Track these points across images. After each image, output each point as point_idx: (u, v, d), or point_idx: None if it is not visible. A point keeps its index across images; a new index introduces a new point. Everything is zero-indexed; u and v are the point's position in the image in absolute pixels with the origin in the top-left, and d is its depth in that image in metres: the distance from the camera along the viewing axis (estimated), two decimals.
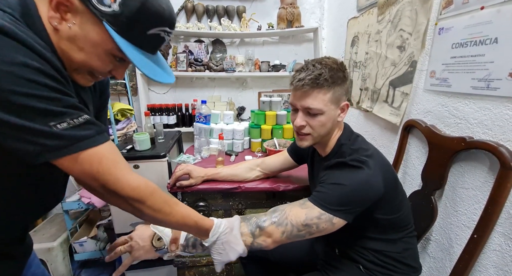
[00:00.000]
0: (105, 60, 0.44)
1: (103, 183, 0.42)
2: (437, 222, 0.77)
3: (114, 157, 0.44)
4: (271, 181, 1.05)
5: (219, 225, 0.59)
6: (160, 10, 0.43)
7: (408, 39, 0.86)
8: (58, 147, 0.38)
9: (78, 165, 0.40)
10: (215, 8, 1.69)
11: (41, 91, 0.35)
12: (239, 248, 0.59)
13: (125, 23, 0.41)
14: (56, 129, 0.37)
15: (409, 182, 0.91)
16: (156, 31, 0.44)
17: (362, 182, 0.60)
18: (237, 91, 1.88)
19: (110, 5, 0.39)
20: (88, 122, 0.41)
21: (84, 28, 0.41)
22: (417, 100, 0.85)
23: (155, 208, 0.48)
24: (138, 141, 1.13)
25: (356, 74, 1.28)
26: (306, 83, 0.63)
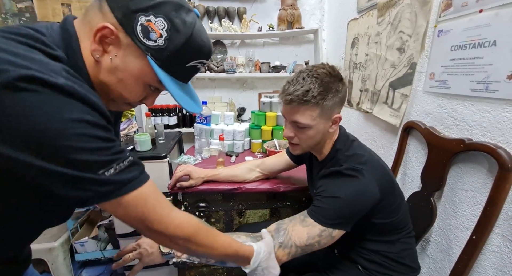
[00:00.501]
0: (142, 90, 0.45)
1: (149, 224, 0.42)
2: (436, 223, 0.78)
3: (157, 196, 0.43)
4: (271, 182, 1.05)
5: (259, 252, 0.58)
6: (201, 44, 0.44)
7: (408, 41, 0.87)
8: (108, 192, 0.38)
9: (123, 207, 0.40)
10: (216, 9, 1.70)
11: (91, 143, 0.35)
12: (276, 271, 0.60)
13: (168, 58, 0.42)
14: (105, 176, 0.37)
15: (408, 183, 0.91)
16: (194, 63, 0.45)
17: (357, 192, 0.61)
18: (238, 92, 1.88)
19: (156, 40, 0.40)
20: (132, 164, 0.41)
21: (126, 60, 0.41)
22: (417, 102, 0.85)
23: (199, 243, 0.48)
24: (139, 142, 1.14)
25: (356, 76, 1.29)
26: (293, 100, 0.63)
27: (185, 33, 0.41)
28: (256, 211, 1.09)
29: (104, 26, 0.39)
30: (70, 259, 1.38)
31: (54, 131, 0.32)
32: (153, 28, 0.40)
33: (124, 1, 0.40)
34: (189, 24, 0.42)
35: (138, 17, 0.39)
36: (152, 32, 0.40)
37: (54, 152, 0.33)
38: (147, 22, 0.40)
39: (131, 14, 0.39)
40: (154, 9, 0.40)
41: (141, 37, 0.40)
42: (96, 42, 0.40)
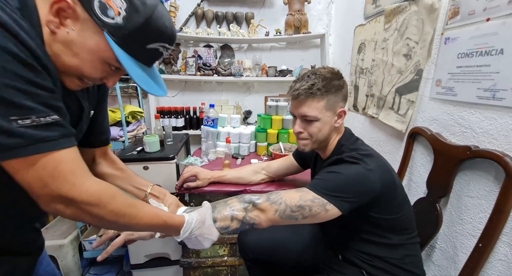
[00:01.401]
0: (99, 68, 0.44)
1: (55, 189, 0.38)
2: (442, 230, 0.78)
3: (75, 163, 0.40)
4: (276, 185, 1.06)
5: (190, 222, 0.56)
6: (163, 27, 0.44)
7: (415, 47, 0.88)
8: (12, 146, 0.34)
9: (31, 168, 0.36)
10: (224, 14, 1.73)
11: (14, 81, 0.32)
12: (213, 237, 0.59)
13: (126, 36, 0.41)
14: (15, 125, 0.33)
15: (414, 189, 0.91)
16: (155, 46, 0.45)
17: (357, 173, 0.63)
18: (244, 95, 1.91)
19: (114, 17, 0.40)
20: (56, 123, 0.37)
21: (83, 35, 0.41)
22: (423, 108, 0.86)
23: (118, 212, 0.44)
24: (148, 143, 1.16)
25: (362, 81, 1.29)
26: (300, 93, 0.69)
27: (144, 13, 0.41)
28: None
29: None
30: (78, 256, 1.42)
31: None
32: (111, 5, 0.40)
33: None
34: (149, 6, 0.42)
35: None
36: (110, 9, 0.40)
37: None
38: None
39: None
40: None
41: (99, 13, 0.40)
42: (53, 14, 0.39)
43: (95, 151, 0.68)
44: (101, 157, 0.70)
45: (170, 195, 0.74)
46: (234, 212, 0.62)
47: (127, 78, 1.61)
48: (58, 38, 0.40)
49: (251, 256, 0.92)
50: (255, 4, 1.77)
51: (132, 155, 1.14)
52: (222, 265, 1.19)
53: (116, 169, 0.72)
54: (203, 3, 1.73)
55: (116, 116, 1.42)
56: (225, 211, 0.63)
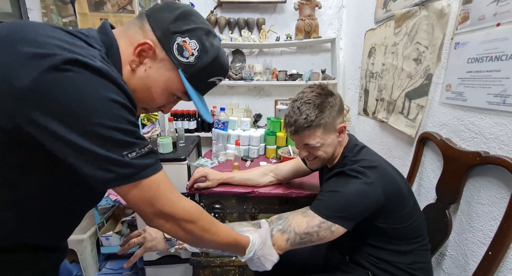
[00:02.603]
0: (165, 98, 0.52)
1: (160, 207, 0.45)
2: (452, 237, 0.76)
3: (169, 183, 0.47)
4: (284, 187, 1.08)
5: (254, 242, 0.61)
6: (223, 64, 0.52)
7: (424, 52, 0.87)
8: (128, 175, 0.41)
9: (138, 190, 0.43)
10: (236, 20, 1.78)
11: (121, 124, 0.39)
12: (274, 258, 0.63)
13: (195, 72, 0.49)
14: (127, 158, 0.40)
15: (424, 195, 0.90)
16: (214, 79, 0.52)
17: (357, 191, 0.63)
18: (255, 99, 1.94)
19: (188, 57, 0.48)
20: (151, 151, 0.44)
21: (159, 71, 0.48)
22: (433, 113, 0.85)
23: (204, 228, 0.51)
24: (161, 145, 1.22)
25: (372, 85, 1.29)
26: (297, 130, 0.70)
27: (212, 54, 0.49)
28: (268, 215, 1.12)
29: (145, 42, 0.46)
30: (96, 251, 1.50)
31: (90, 107, 0.37)
32: (187, 47, 0.47)
33: (166, 24, 0.47)
34: (216, 47, 0.50)
35: (175, 38, 0.47)
36: (186, 50, 0.47)
37: (87, 127, 0.37)
38: (182, 42, 0.47)
39: (170, 34, 0.47)
40: (189, 33, 0.47)
41: (176, 54, 0.47)
42: (135, 55, 0.46)
43: None
44: None
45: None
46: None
47: None
48: (136, 75, 0.48)
49: None
50: (266, 10, 1.81)
51: None
52: (230, 265, 1.22)
53: None
54: (216, 10, 1.79)
55: None
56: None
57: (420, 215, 0.72)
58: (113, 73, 0.40)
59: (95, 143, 0.38)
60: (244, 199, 1.10)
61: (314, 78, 1.74)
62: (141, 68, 0.48)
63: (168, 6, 0.49)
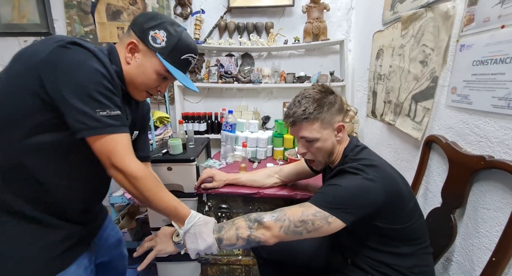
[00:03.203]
0: (156, 79, 0.69)
1: (113, 160, 0.57)
2: (458, 243, 0.75)
3: (127, 145, 0.59)
4: (289, 189, 1.10)
5: (195, 216, 0.68)
6: (188, 44, 0.69)
7: (430, 54, 0.86)
8: (94, 127, 0.54)
9: (100, 143, 0.56)
10: (245, 25, 1.83)
11: (100, 88, 0.54)
12: (209, 239, 0.65)
13: (168, 52, 0.66)
14: (98, 115, 0.54)
15: (430, 199, 0.88)
16: (186, 56, 0.69)
17: (357, 186, 0.63)
18: (263, 101, 1.97)
19: (160, 43, 0.66)
20: (119, 116, 0.58)
21: (145, 59, 0.67)
22: (439, 116, 0.84)
23: (146, 187, 0.61)
24: (172, 146, 1.28)
25: (380, 87, 1.28)
26: (295, 121, 0.74)
27: (177, 36, 0.66)
28: None
29: (131, 41, 0.65)
30: None
31: (80, 72, 0.53)
32: (158, 36, 0.65)
33: (141, 25, 0.66)
34: (178, 32, 0.67)
35: (149, 32, 0.65)
36: (158, 39, 0.65)
37: (74, 86, 0.52)
38: (154, 34, 0.65)
39: (145, 31, 0.65)
40: (158, 26, 0.65)
41: (152, 43, 0.65)
42: (127, 52, 0.66)
43: None
44: None
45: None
46: (239, 232, 0.66)
47: None
48: (131, 66, 0.67)
49: (265, 256, 0.96)
50: (274, 14, 1.83)
51: (158, 157, 1.26)
52: (236, 264, 1.25)
53: None
54: (226, 16, 1.85)
55: None
56: (231, 231, 0.67)
57: (421, 216, 0.71)
58: (101, 55, 0.57)
59: (78, 98, 0.52)
60: (250, 199, 1.13)
61: (323, 80, 1.74)
62: (133, 61, 0.66)
63: (142, 14, 0.69)
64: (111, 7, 1.74)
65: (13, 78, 0.53)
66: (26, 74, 0.52)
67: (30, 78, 0.52)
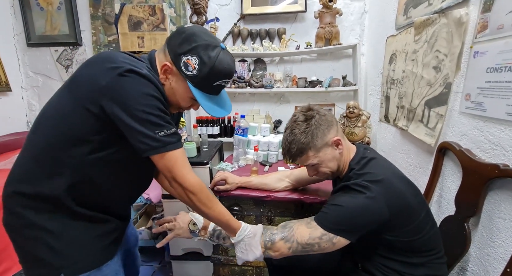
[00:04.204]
0: (188, 101, 0.70)
1: (174, 175, 0.62)
2: (473, 252, 0.73)
3: (184, 159, 0.64)
4: (299, 193, 1.12)
5: (245, 228, 0.72)
6: (223, 70, 0.65)
7: (444, 60, 0.85)
8: (157, 147, 0.59)
9: (163, 160, 0.61)
10: (258, 31, 1.87)
11: (155, 111, 0.58)
12: (257, 252, 0.71)
13: (199, 81, 0.65)
14: (158, 135, 0.58)
15: (444, 206, 0.87)
16: (219, 82, 0.67)
17: (359, 206, 0.65)
18: (275, 105, 2.00)
19: (192, 71, 0.64)
20: (175, 133, 0.62)
21: (178, 83, 0.66)
22: (453, 122, 0.82)
23: (201, 201, 0.65)
24: (186, 149, 1.34)
25: (393, 92, 1.27)
26: (293, 159, 0.80)
27: (210, 64, 0.63)
28: (284, 218, 1.17)
29: (165, 64, 0.64)
30: None
31: (137, 98, 0.57)
32: (190, 63, 0.63)
33: (174, 47, 0.64)
34: (212, 58, 0.63)
35: (181, 58, 0.63)
36: (189, 66, 0.63)
37: (133, 111, 0.56)
38: (186, 60, 0.63)
39: (178, 56, 0.63)
40: (191, 51, 0.62)
41: (184, 70, 0.64)
42: (162, 73, 0.65)
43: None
44: None
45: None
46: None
47: None
48: (165, 87, 0.66)
49: (275, 262, 0.98)
50: (287, 20, 1.87)
51: None
52: (248, 265, 1.28)
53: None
54: (239, 23, 1.90)
55: None
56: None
57: (433, 227, 0.71)
58: (153, 77, 0.60)
59: (137, 122, 0.57)
60: (261, 202, 1.16)
61: (335, 85, 1.75)
62: (167, 82, 0.66)
63: (177, 32, 0.65)
64: (133, 19, 1.85)
65: (74, 101, 0.59)
66: (88, 99, 0.57)
67: (92, 104, 0.57)
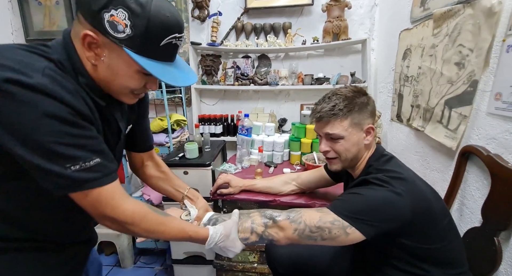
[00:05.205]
0: (137, 78, 0.49)
1: (102, 211, 0.48)
2: (503, 269, 0.67)
3: (114, 192, 0.48)
4: (307, 197, 1.05)
5: (214, 237, 0.60)
6: (165, 20, 0.45)
7: (469, 55, 0.78)
8: (67, 186, 0.44)
9: (85, 198, 0.46)
10: (262, 26, 1.79)
11: (61, 138, 0.41)
12: (237, 250, 0.63)
13: (139, 43, 0.44)
14: (69, 171, 0.42)
15: (467, 216, 0.80)
16: (167, 41, 0.46)
17: (382, 197, 0.58)
18: (280, 103, 1.93)
19: (124, 30, 0.43)
20: (98, 164, 0.45)
21: (113, 57, 0.46)
22: (478, 124, 0.75)
23: (149, 230, 0.52)
24: (188, 150, 1.28)
25: (407, 90, 1.19)
26: (322, 115, 0.70)
27: (145, 14, 0.42)
28: None
29: (85, 34, 0.43)
30: (132, 245, 1.63)
31: (28, 125, 0.39)
32: (117, 20, 0.42)
33: (88, 6, 0.43)
34: (145, 4, 0.43)
35: (103, 15, 0.42)
36: (118, 24, 0.42)
37: (30, 143, 0.40)
38: (111, 17, 0.42)
39: (97, 15, 0.42)
40: (112, 2, 0.42)
41: (112, 32, 0.43)
42: (87, 49, 0.45)
43: (143, 155, 0.80)
44: (148, 159, 0.82)
45: (202, 199, 0.82)
46: (254, 226, 0.65)
47: (174, 89, 1.80)
48: (98, 68, 0.47)
49: (280, 271, 0.93)
50: (293, 14, 1.78)
51: (174, 160, 1.28)
52: (252, 271, 1.23)
53: (160, 172, 0.83)
54: (242, 17, 1.82)
55: (163, 124, 1.60)
56: (246, 224, 0.66)
57: (456, 238, 0.64)
58: (50, 87, 0.40)
59: (40, 156, 0.41)
60: (265, 206, 1.10)
61: (343, 82, 1.67)
62: (99, 61, 0.46)
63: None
64: None
65: None
66: None
67: None
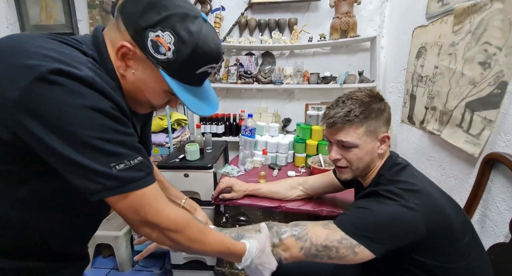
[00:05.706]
0: (163, 96, 0.49)
1: (144, 215, 0.44)
2: None
3: (157, 195, 0.46)
4: (314, 203, 1.00)
5: (251, 251, 0.57)
6: (209, 51, 0.45)
7: (496, 54, 0.71)
8: (114, 187, 0.40)
9: (125, 201, 0.42)
10: (267, 21, 1.72)
11: (106, 134, 0.39)
12: (272, 266, 0.60)
13: (177, 68, 0.45)
14: (114, 170, 0.40)
15: (490, 229, 0.74)
16: (204, 69, 0.47)
17: (392, 212, 0.54)
18: (284, 102, 1.87)
19: (165, 53, 0.43)
20: (141, 163, 0.43)
21: (145, 73, 0.45)
22: (506, 130, 0.69)
23: (191, 238, 0.49)
24: (188, 152, 1.23)
25: (420, 90, 1.12)
26: (336, 121, 0.63)
27: (191, 43, 0.43)
28: None
29: (122, 44, 0.42)
30: (131, 248, 1.59)
31: (73, 117, 0.37)
32: (161, 42, 0.42)
33: (135, 19, 0.42)
34: (194, 33, 0.43)
35: (147, 34, 0.42)
36: (161, 46, 0.42)
37: (71, 137, 0.37)
38: (156, 37, 0.42)
39: (141, 31, 0.42)
40: (161, 24, 0.41)
41: (152, 52, 0.43)
42: (119, 59, 0.44)
43: None
44: None
45: (201, 211, 0.77)
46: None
47: None
48: (126, 79, 0.46)
49: None
50: (299, 9, 1.71)
51: (174, 163, 1.22)
52: None
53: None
54: (246, 12, 1.75)
55: (163, 124, 1.55)
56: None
57: (481, 256, 0.58)
58: (98, 81, 0.39)
59: (80, 153, 0.37)
60: (270, 213, 1.05)
61: (350, 81, 1.60)
62: (129, 72, 0.45)
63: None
64: None
65: None
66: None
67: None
